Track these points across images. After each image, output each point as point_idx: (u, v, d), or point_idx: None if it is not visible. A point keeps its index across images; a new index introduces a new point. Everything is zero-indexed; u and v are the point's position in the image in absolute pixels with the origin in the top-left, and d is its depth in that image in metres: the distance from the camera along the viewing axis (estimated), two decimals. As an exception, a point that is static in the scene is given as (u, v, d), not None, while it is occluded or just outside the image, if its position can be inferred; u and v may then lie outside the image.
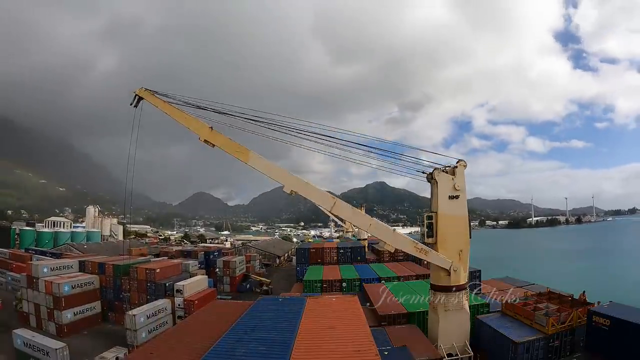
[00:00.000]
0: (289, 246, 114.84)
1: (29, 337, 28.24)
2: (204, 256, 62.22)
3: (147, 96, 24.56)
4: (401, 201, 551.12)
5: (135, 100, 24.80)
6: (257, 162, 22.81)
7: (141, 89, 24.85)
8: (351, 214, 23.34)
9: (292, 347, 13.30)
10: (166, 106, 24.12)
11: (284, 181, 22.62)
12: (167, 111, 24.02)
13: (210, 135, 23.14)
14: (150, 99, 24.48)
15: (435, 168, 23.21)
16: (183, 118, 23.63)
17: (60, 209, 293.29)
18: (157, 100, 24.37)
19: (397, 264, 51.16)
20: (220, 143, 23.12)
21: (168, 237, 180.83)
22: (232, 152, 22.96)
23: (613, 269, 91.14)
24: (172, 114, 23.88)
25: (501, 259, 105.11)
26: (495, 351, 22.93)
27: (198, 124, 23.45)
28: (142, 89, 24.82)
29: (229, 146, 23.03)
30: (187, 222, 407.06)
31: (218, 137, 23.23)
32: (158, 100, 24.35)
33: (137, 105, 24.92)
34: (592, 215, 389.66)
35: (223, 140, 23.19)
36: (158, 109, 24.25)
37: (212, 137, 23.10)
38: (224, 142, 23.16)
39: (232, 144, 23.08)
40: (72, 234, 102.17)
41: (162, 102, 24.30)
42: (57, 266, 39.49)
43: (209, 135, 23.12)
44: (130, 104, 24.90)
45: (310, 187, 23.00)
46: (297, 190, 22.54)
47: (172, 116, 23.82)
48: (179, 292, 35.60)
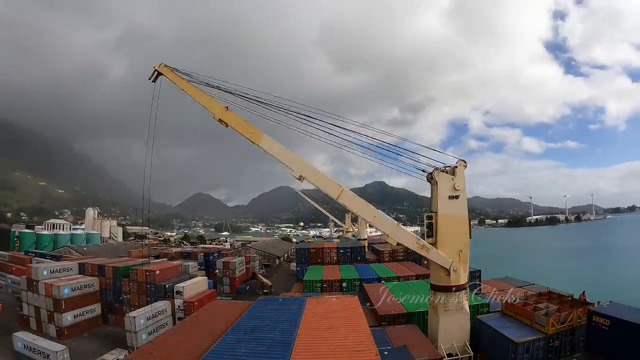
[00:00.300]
0: (288, 247, 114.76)
1: (30, 339, 28.25)
2: (203, 257, 62.12)
3: (166, 72, 24.72)
4: (401, 201, 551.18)
5: (154, 75, 25.02)
6: (269, 145, 22.90)
7: (161, 64, 25.00)
8: (357, 204, 23.26)
9: (292, 347, 13.30)
10: (184, 84, 24.28)
11: (294, 165, 22.67)
12: (185, 89, 24.17)
13: (225, 114, 23.30)
14: (170, 75, 24.64)
15: (435, 168, 23.21)
16: (200, 96, 23.86)
17: (59, 211, 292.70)
18: (176, 77, 24.55)
19: (397, 264, 51.23)
20: (234, 123, 23.29)
21: (168, 238, 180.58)
22: (245, 132, 23.07)
23: (613, 268, 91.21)
24: (189, 92, 24.04)
25: (501, 259, 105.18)
26: (495, 351, 22.94)
27: (214, 103, 23.70)
28: (162, 65, 24.96)
29: (243, 126, 23.19)
30: (186, 223, 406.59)
31: (232, 117, 23.40)
32: (177, 77, 24.53)
33: (155, 81, 25.13)
34: (591, 214, 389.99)
35: (237, 120, 23.36)
36: (176, 86, 24.39)
37: (226, 117, 23.25)
38: (238, 122, 23.34)
39: (245, 124, 23.26)
40: (71, 236, 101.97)
41: (181, 80, 24.44)
42: (56, 269, 39.42)
43: (223, 115, 23.30)
44: (148, 78, 25.17)
45: (319, 174, 23.03)
46: (306, 176, 22.55)
47: (190, 94, 24.00)
48: (179, 293, 35.56)
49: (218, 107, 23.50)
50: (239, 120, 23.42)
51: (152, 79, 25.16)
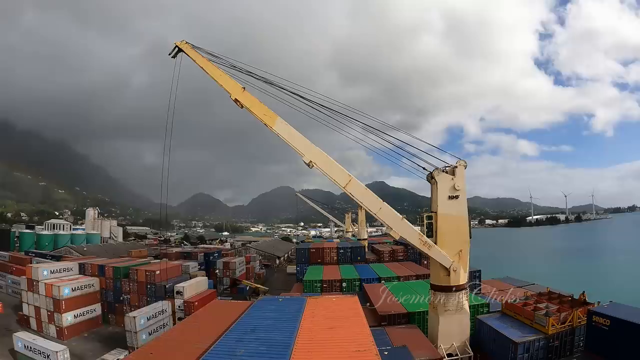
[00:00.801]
0: (288, 247, 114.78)
1: (30, 340, 28.27)
2: (203, 257, 62.13)
3: (187, 49, 24.79)
4: (401, 201, 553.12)
5: (175, 51, 25.12)
6: (283, 128, 22.99)
7: (182, 41, 25.06)
8: (363, 194, 23.21)
9: (292, 347, 13.31)
10: (204, 61, 24.31)
11: (306, 151, 22.72)
12: (204, 66, 24.25)
13: (241, 94, 23.38)
14: (190, 52, 24.70)
15: (435, 168, 23.23)
16: (218, 75, 23.93)
17: (59, 211, 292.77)
18: (196, 54, 24.57)
19: (397, 264, 51.19)
20: (250, 103, 23.37)
21: (168, 239, 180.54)
22: (259, 113, 23.16)
23: (613, 267, 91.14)
24: (208, 70, 24.11)
25: (501, 259, 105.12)
26: (495, 351, 22.93)
27: (232, 83, 23.79)
28: (183, 42, 24.99)
29: (258, 107, 23.28)
30: (187, 223, 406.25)
31: (248, 98, 23.48)
32: (197, 55, 24.56)
33: (175, 57, 25.20)
34: (591, 213, 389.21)
35: (253, 101, 23.43)
36: (196, 63, 24.45)
37: (243, 97, 23.33)
38: (254, 102, 23.42)
39: (260, 105, 23.36)
40: (71, 236, 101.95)
41: (201, 57, 24.47)
42: (57, 269, 39.43)
43: (240, 95, 23.36)
44: (168, 54, 25.32)
45: (329, 160, 23.02)
46: (316, 162, 22.57)
47: (208, 71, 24.07)
48: (179, 293, 35.57)
49: (236, 87, 23.61)
50: (255, 101, 23.52)
51: (172, 55, 25.29)
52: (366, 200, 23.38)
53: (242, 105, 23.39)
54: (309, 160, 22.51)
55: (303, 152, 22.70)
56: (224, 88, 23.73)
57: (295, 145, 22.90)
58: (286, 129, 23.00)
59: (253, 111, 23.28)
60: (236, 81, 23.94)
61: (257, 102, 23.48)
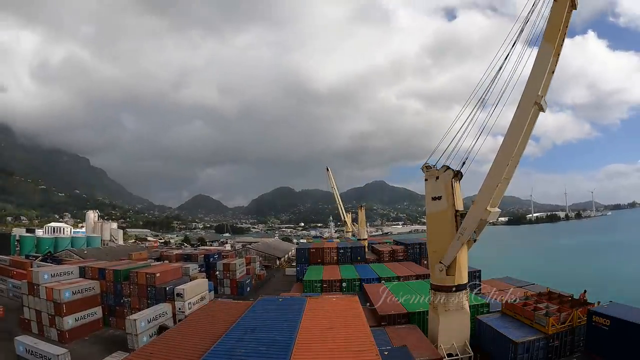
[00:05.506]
0: (289, 247, 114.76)
1: (31, 343, 28.28)
2: (204, 259, 62.03)
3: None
4: (401, 200, 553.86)
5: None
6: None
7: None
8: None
9: (293, 347, 13.36)
10: None
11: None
12: None
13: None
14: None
15: (425, 165, 23.57)
16: None
17: (60, 214, 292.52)
18: None
19: (397, 264, 51.24)
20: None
21: (168, 241, 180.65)
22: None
23: (613, 268, 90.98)
24: None
25: (501, 259, 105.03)
26: (495, 351, 22.96)
27: None
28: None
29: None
30: (187, 224, 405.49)
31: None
32: None
33: None
34: (591, 210, 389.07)
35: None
36: None
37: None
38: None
39: None
40: (72, 239, 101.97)
41: None
42: (57, 272, 39.41)
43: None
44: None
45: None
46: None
47: None
48: (180, 295, 35.61)
49: None
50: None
51: None
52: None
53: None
54: None
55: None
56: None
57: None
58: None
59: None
60: None
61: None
